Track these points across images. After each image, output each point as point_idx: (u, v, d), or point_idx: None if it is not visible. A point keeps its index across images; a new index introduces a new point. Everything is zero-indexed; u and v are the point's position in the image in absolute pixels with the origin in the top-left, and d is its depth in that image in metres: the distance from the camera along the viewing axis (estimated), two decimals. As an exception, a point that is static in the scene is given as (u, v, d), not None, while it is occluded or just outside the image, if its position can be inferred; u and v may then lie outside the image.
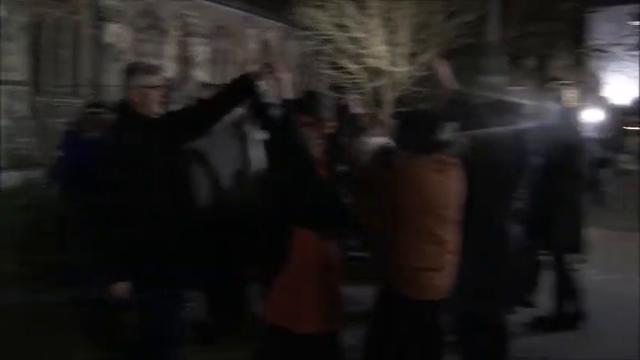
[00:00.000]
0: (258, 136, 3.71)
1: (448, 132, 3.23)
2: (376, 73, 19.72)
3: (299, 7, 19.38)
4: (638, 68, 28.08)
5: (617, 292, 6.06)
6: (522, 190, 3.80)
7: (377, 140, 5.45)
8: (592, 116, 12.81)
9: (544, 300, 5.31)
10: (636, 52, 28.85)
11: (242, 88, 3.27)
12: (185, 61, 21.37)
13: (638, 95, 34.89)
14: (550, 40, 25.79)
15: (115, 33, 18.22)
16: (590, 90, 28.33)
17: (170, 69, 21.01)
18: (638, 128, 35.26)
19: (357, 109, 3.35)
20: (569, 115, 5.17)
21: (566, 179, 4.85)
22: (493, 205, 3.62)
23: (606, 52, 27.29)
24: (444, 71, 3.64)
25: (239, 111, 4.07)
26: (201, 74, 20.84)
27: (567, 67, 27.87)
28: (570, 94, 5.24)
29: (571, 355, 4.67)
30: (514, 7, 24.51)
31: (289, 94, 3.10)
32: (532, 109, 4.75)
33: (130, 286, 3.18)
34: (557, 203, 4.87)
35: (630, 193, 12.34)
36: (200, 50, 21.85)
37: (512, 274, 3.76)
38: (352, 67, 19.62)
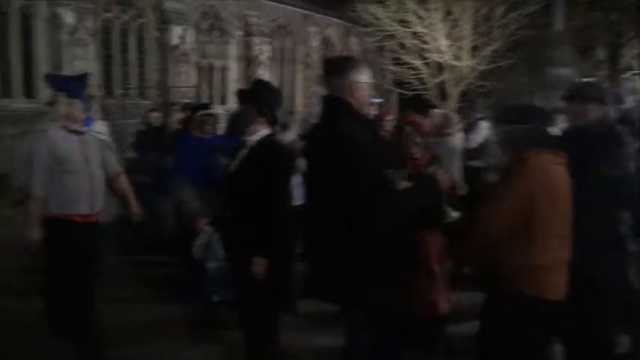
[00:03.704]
0: None
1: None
2: (439, 68, 19.55)
3: (359, 3, 19.41)
4: None
5: None
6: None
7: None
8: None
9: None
10: None
11: None
12: (248, 60, 21.72)
13: None
14: (618, 30, 24.87)
15: (179, 35, 18.70)
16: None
17: (233, 69, 21.41)
18: None
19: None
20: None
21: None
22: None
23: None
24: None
25: None
26: (263, 73, 21.09)
27: (638, 57, 26.78)
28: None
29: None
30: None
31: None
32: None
33: None
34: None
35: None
36: (262, 49, 22.07)
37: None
38: (415, 62, 19.49)
